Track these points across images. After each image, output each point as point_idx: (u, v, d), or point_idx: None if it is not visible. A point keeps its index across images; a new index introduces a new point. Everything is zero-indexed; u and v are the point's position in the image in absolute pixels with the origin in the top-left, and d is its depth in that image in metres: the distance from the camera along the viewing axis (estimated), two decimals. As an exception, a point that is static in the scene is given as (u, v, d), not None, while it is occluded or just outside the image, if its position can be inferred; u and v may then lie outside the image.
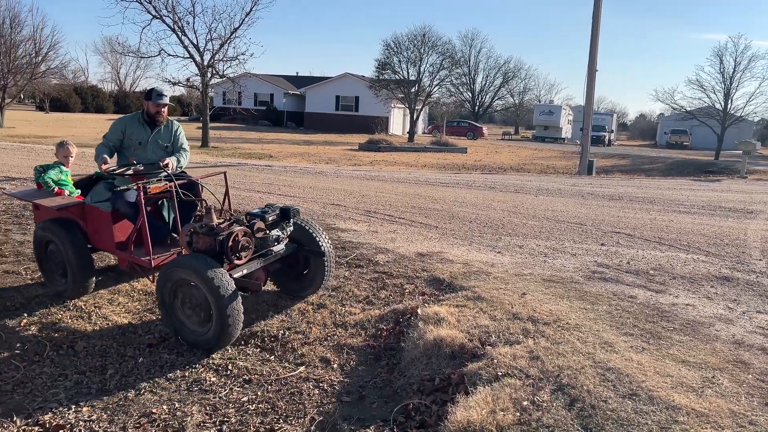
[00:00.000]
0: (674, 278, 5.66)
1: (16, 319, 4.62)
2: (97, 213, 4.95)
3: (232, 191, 10.46)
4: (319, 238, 4.89)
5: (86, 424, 3.33)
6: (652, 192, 12.98)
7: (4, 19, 32.11)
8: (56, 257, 5.06)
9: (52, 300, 5.00)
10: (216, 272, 3.96)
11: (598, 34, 19.25)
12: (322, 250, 4.87)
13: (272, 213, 4.59)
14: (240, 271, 4.29)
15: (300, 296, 5.11)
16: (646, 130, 72.56)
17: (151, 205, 5.15)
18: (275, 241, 4.57)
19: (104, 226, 4.89)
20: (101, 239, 5.00)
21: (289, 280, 5.17)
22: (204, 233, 4.25)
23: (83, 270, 4.94)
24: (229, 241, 4.18)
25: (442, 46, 39.40)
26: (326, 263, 4.93)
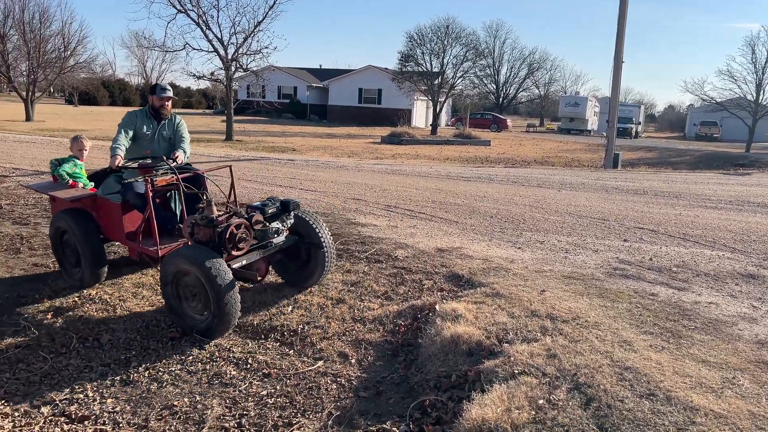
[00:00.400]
0: (698, 275, 5.58)
1: (44, 312, 4.75)
2: (108, 204, 5.18)
3: (255, 185, 10.60)
4: (320, 231, 5.00)
5: (110, 415, 3.42)
6: (679, 186, 12.77)
7: (34, 14, 32.81)
8: (70, 247, 5.29)
9: (79, 293, 5.13)
10: (214, 262, 4.09)
11: (624, 23, 18.93)
12: (322, 242, 4.97)
13: (272, 206, 4.71)
14: (239, 262, 4.42)
15: (302, 287, 5.22)
16: (674, 121, 71.24)
17: (160, 197, 5.35)
18: (275, 233, 4.69)
19: (115, 217, 5.10)
20: (112, 230, 5.22)
21: (290, 272, 5.28)
22: (204, 225, 4.40)
23: (95, 259, 5.15)
24: (227, 232, 4.31)
25: (465, 37, 39.15)
26: (326, 255, 5.03)
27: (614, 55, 19.24)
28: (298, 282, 5.24)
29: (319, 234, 4.98)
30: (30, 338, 4.29)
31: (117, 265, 5.84)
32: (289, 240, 4.92)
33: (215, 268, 4.06)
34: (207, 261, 4.08)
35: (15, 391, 3.64)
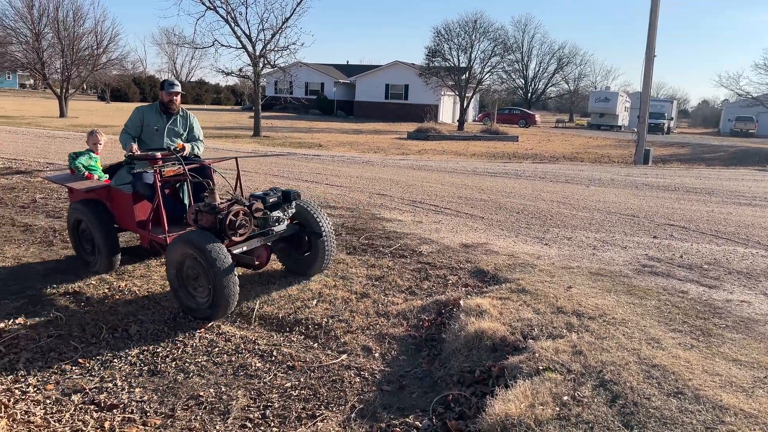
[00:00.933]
0: (730, 273, 5.45)
1: (75, 303, 4.86)
2: (120, 194, 5.44)
3: (282, 180, 10.68)
4: (321, 220, 5.15)
5: (138, 404, 3.49)
6: (712, 182, 12.49)
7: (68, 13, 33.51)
8: (86, 235, 5.58)
9: (108, 285, 5.23)
10: (214, 247, 4.30)
11: (657, 17, 18.56)
12: (322, 231, 5.13)
13: (274, 195, 4.90)
14: (240, 248, 4.62)
15: (304, 275, 5.38)
16: (708, 117, 69.67)
17: (170, 188, 5.57)
18: (276, 221, 4.87)
19: (126, 206, 5.38)
20: (124, 219, 5.48)
21: (293, 260, 5.46)
22: (206, 212, 4.60)
23: (109, 247, 5.41)
24: (227, 219, 4.51)
25: (494, 32, 38.78)
26: (326, 244, 5.19)
27: (646, 49, 18.89)
28: (301, 270, 5.41)
29: (319, 223, 5.13)
30: (61, 328, 4.40)
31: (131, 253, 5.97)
32: (290, 228, 5.10)
33: (215, 252, 4.26)
34: (208, 245, 4.28)
35: (47, 379, 3.74)
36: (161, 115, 5.62)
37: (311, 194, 9.15)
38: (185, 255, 4.49)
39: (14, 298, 4.89)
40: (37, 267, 5.65)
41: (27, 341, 4.17)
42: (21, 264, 5.72)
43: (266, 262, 5.06)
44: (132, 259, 5.89)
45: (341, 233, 6.69)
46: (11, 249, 6.14)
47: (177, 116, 5.69)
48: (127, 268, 5.62)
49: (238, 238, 4.61)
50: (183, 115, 5.74)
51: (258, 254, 4.85)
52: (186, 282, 4.62)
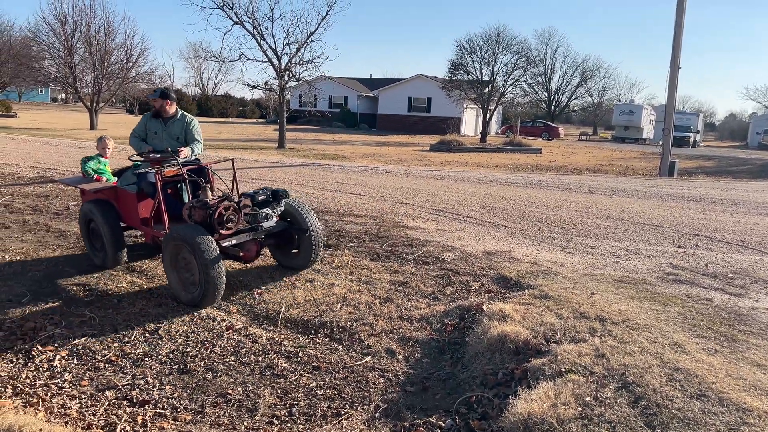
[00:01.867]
0: (756, 282, 5.41)
1: (107, 304, 5.01)
2: (125, 194, 5.90)
3: (306, 189, 10.83)
4: (308, 218, 5.51)
5: (168, 400, 3.60)
6: (738, 194, 12.34)
7: (99, 28, 34.35)
8: (96, 233, 5.98)
9: (139, 288, 5.38)
10: (203, 239, 4.68)
11: (681, 29, 18.44)
12: (309, 228, 5.49)
13: (263, 194, 5.28)
14: (229, 241, 5.01)
15: (294, 269, 5.76)
16: (736, 130, 68.57)
17: (171, 188, 5.97)
18: (265, 218, 5.23)
19: (131, 205, 5.82)
20: (130, 217, 5.92)
21: (283, 255, 5.86)
22: (198, 207, 5.04)
23: (116, 243, 5.82)
24: (216, 213, 4.91)
25: (516, 45, 38.76)
26: (313, 241, 5.53)
27: (671, 61, 18.76)
28: (291, 265, 5.79)
29: (307, 221, 5.50)
30: (95, 328, 4.54)
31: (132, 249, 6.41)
32: (279, 225, 5.46)
33: (204, 244, 4.65)
34: (197, 237, 4.68)
35: (82, 375, 3.87)
36: (158, 121, 6.13)
37: (335, 203, 9.27)
38: (178, 247, 4.88)
39: (49, 300, 5.06)
40: (71, 270, 5.83)
41: (62, 340, 4.32)
42: (55, 267, 5.91)
43: (255, 256, 5.35)
44: (138, 256, 6.34)
45: (365, 240, 6.78)
46: (46, 253, 6.34)
47: (174, 120, 6.15)
48: (157, 272, 5.77)
49: (227, 232, 5.02)
50: (180, 119, 6.17)
51: (248, 248, 5.18)
52: (179, 271, 5.01)
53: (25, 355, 4.09)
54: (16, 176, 11.45)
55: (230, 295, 5.19)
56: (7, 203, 8.72)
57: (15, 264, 5.99)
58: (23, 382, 3.75)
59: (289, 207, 5.52)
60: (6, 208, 8.43)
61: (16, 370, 3.90)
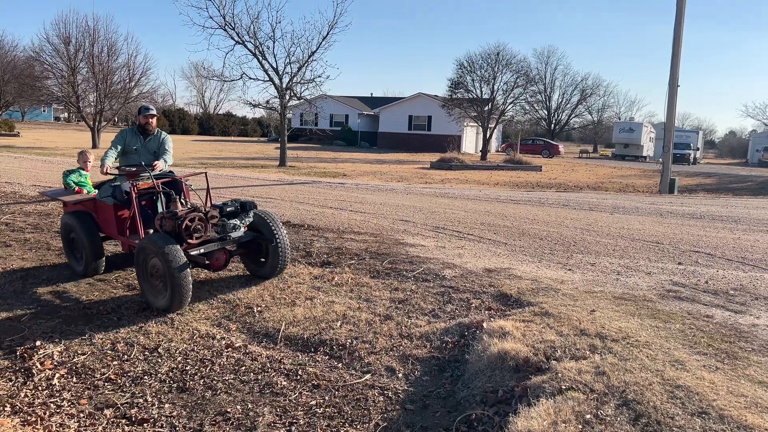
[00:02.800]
0: (756, 299, 5.40)
1: (107, 322, 5.01)
2: (103, 206, 6.21)
3: (307, 207, 10.85)
4: (275, 229, 5.77)
5: (167, 419, 3.58)
6: (738, 211, 12.34)
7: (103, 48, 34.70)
8: (76, 243, 6.29)
9: (139, 306, 5.38)
10: (171, 248, 4.95)
11: (680, 47, 18.59)
12: (276, 238, 5.76)
13: (231, 206, 5.61)
14: (197, 250, 5.26)
15: (262, 278, 6.02)
16: (736, 147, 68.78)
17: (147, 199, 6.20)
18: (233, 228, 5.50)
19: (109, 215, 6.13)
20: (108, 227, 6.24)
21: (253, 264, 6.15)
22: (168, 218, 5.32)
23: (95, 252, 6.14)
24: (183, 224, 5.16)
25: (516, 64, 38.95)
26: (280, 251, 5.80)
27: (669, 78, 18.89)
28: (261, 274, 6.07)
29: (274, 231, 5.76)
30: (94, 346, 4.53)
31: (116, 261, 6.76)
32: (247, 235, 5.72)
33: (171, 252, 4.91)
34: (165, 246, 4.94)
35: (80, 394, 3.86)
36: (139, 136, 6.38)
37: (336, 220, 9.29)
38: (148, 255, 5.16)
39: (49, 318, 5.06)
40: (72, 289, 5.84)
41: (61, 358, 4.31)
42: (56, 286, 5.91)
43: (224, 264, 5.63)
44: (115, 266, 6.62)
45: (365, 257, 6.78)
46: (46, 272, 6.35)
47: (152, 137, 6.43)
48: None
49: (194, 241, 5.26)
50: (157, 135, 6.48)
51: (216, 257, 5.46)
52: (150, 279, 5.25)
53: (25, 374, 4.08)
54: (18, 195, 11.50)
55: (230, 314, 5.18)
56: (8, 221, 8.74)
57: (16, 282, 6.00)
58: (22, 400, 3.74)
59: (257, 218, 5.79)
60: (7, 226, 8.46)
61: (15, 388, 3.90)
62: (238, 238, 5.59)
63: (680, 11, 18.55)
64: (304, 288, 5.74)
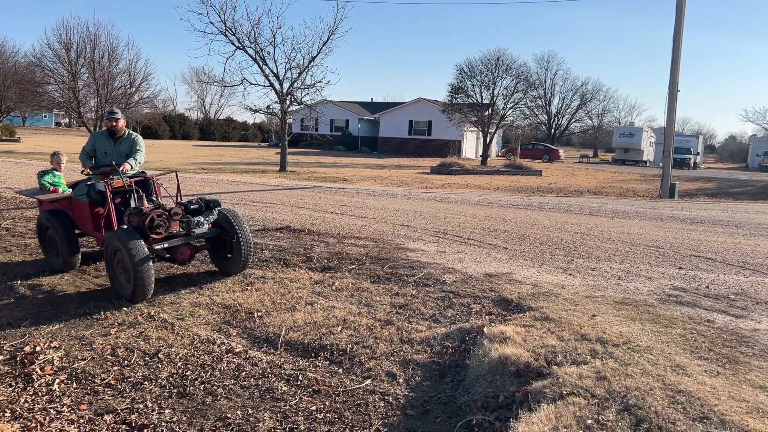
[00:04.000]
0: (757, 303, 5.39)
1: (107, 327, 5.00)
2: (79, 204, 6.57)
3: (307, 212, 10.86)
4: (237, 226, 6.10)
5: (168, 425, 3.57)
6: (739, 215, 12.35)
7: (103, 54, 34.76)
8: (53, 239, 6.59)
9: (140, 311, 5.38)
10: (134, 242, 5.33)
11: (680, 52, 18.63)
12: (238, 234, 6.07)
13: (196, 203, 5.92)
14: (161, 245, 5.66)
15: (228, 273, 6.35)
16: (736, 152, 68.84)
17: (120, 197, 6.49)
18: (197, 225, 5.86)
19: (84, 213, 6.50)
20: (83, 224, 6.59)
21: (219, 260, 6.49)
22: (135, 214, 5.70)
23: (70, 248, 6.46)
24: (147, 219, 5.52)
25: (516, 69, 39.07)
26: (242, 247, 6.10)
27: (669, 83, 18.92)
28: (226, 269, 6.38)
29: (236, 228, 6.08)
30: (94, 351, 4.53)
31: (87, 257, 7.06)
32: (211, 231, 6.07)
33: (134, 246, 5.29)
34: (129, 240, 5.32)
35: (80, 399, 3.85)
36: (109, 140, 6.67)
37: (336, 225, 9.29)
38: (114, 248, 5.52)
39: (50, 323, 5.06)
40: (72, 294, 5.84)
41: (61, 363, 4.30)
42: (57, 291, 5.91)
43: (188, 259, 5.96)
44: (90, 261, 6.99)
45: (365, 262, 6.78)
46: (47, 278, 6.35)
47: (123, 139, 6.70)
48: (157, 297, 5.76)
49: (158, 237, 5.64)
50: (127, 137, 6.74)
51: (181, 251, 5.81)
52: (117, 271, 5.61)
53: (25, 379, 4.07)
54: (19, 200, 11.50)
55: (230, 319, 5.18)
56: (9, 227, 8.75)
57: (16, 287, 5.99)
58: (22, 406, 3.73)
59: (221, 216, 6.13)
60: (8, 231, 8.46)
61: (15, 394, 3.89)
62: (202, 234, 5.96)
63: (680, 16, 18.60)
64: (304, 293, 5.74)
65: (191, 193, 11.35)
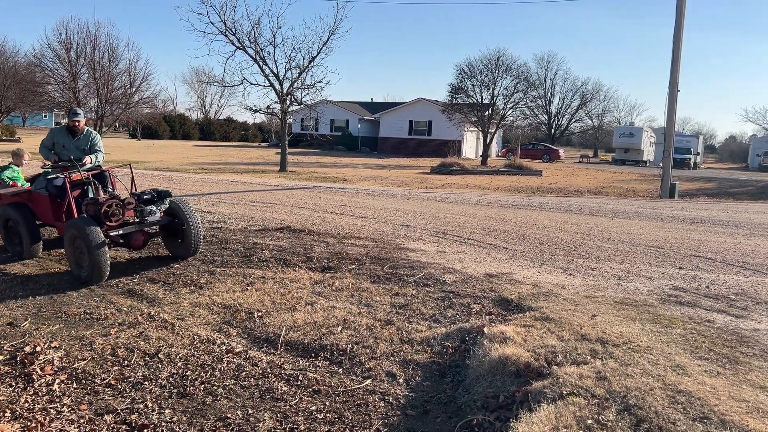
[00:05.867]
0: (758, 303, 5.39)
1: (107, 327, 5.00)
2: (39, 196, 7.09)
3: (307, 211, 10.86)
4: (188, 214, 6.73)
5: (168, 425, 3.57)
6: (739, 216, 12.34)
7: (104, 54, 34.73)
8: (14, 231, 7.11)
9: (140, 312, 5.38)
10: (91, 229, 5.91)
11: (680, 52, 18.63)
12: (188, 221, 6.70)
13: (148, 194, 6.57)
14: (116, 231, 6.28)
15: (179, 257, 6.97)
16: (736, 152, 68.81)
17: (78, 188, 6.95)
18: (149, 213, 6.49)
19: (44, 205, 7.04)
20: (44, 215, 7.12)
21: (171, 245, 7.11)
22: (91, 204, 6.30)
23: (32, 237, 6.99)
24: (102, 208, 6.13)
25: (516, 69, 39.03)
26: (192, 233, 6.75)
27: (669, 83, 18.92)
28: (178, 254, 7.00)
29: (187, 216, 6.71)
30: (95, 351, 4.53)
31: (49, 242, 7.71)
32: (163, 219, 6.70)
33: (91, 232, 5.89)
34: (86, 227, 5.91)
35: (81, 399, 3.85)
36: (68, 135, 7.20)
37: (336, 225, 9.29)
38: (73, 235, 6.06)
39: (50, 323, 5.06)
40: (72, 294, 5.84)
41: (61, 363, 4.30)
42: (56, 291, 5.91)
43: (142, 245, 6.64)
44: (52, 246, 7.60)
45: (366, 262, 6.78)
46: (47, 277, 6.35)
47: (81, 136, 7.22)
48: (157, 296, 5.76)
49: (113, 224, 6.25)
50: (86, 134, 7.28)
51: (135, 238, 6.46)
52: (76, 256, 6.14)
53: (25, 379, 4.07)
54: None
55: (231, 319, 5.18)
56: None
57: (16, 287, 6.00)
58: (22, 406, 3.73)
59: (173, 205, 6.76)
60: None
61: (15, 394, 3.88)
62: (155, 222, 6.58)
63: (680, 16, 18.60)
64: (304, 293, 5.73)
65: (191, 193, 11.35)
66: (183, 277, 6.38)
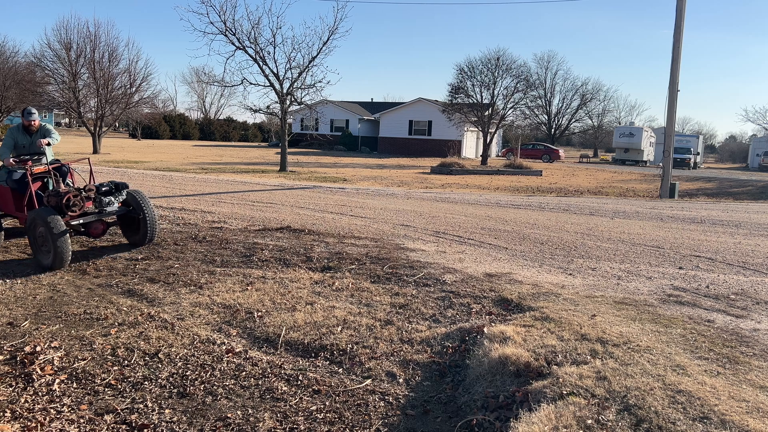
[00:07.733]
0: (758, 303, 5.39)
1: (107, 327, 5.00)
2: (0, 189, 7.44)
3: (307, 211, 10.86)
4: (144, 205, 7.21)
5: (168, 425, 3.57)
6: (739, 215, 12.34)
7: (104, 54, 34.75)
8: None
9: (140, 312, 5.38)
10: (52, 218, 6.37)
11: (680, 52, 18.63)
12: (144, 211, 7.19)
13: (107, 186, 7.11)
14: (77, 220, 6.76)
15: (136, 245, 7.47)
16: (736, 152, 68.81)
17: (40, 181, 7.44)
18: (107, 204, 7.02)
19: (6, 197, 7.46)
20: (5, 206, 7.57)
21: (129, 234, 7.62)
22: (53, 196, 6.74)
23: None
24: (63, 199, 6.60)
25: (516, 69, 38.99)
26: (148, 222, 7.24)
27: (669, 83, 18.92)
28: (135, 242, 7.49)
29: (143, 206, 7.20)
30: (95, 351, 4.53)
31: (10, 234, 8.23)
32: (120, 210, 7.21)
33: (53, 222, 6.32)
34: (48, 217, 6.36)
35: (81, 399, 3.85)
36: (25, 134, 7.64)
37: (336, 225, 9.29)
38: (36, 225, 6.51)
39: (50, 323, 5.06)
40: (72, 294, 5.83)
41: (61, 363, 4.30)
42: (56, 291, 5.91)
43: (102, 233, 7.18)
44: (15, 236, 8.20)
45: (366, 262, 6.78)
46: (47, 277, 6.35)
47: (35, 133, 7.67)
48: (157, 296, 5.76)
49: (74, 214, 6.71)
50: (40, 128, 7.73)
51: (94, 227, 6.99)
52: (39, 244, 6.57)
53: (25, 379, 4.07)
54: None
55: (230, 319, 5.18)
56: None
57: (16, 287, 5.99)
58: (22, 406, 3.73)
59: (129, 196, 7.24)
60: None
61: (15, 394, 3.89)
62: (113, 212, 7.07)
63: (680, 16, 18.60)
64: (304, 293, 5.73)
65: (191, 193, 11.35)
66: (183, 277, 6.38)
